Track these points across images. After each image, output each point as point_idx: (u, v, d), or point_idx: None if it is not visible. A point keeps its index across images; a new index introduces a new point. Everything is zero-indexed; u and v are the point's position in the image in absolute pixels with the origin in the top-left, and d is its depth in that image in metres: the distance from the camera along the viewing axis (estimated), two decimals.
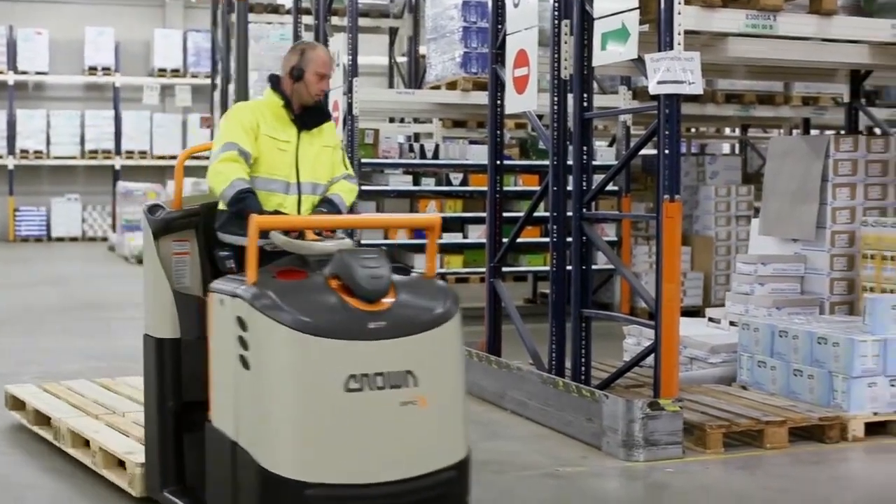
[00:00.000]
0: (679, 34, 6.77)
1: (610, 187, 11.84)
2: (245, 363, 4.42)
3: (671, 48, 6.75)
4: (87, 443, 6.33)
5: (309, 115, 5.44)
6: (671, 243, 6.86)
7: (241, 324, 4.47)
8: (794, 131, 15.41)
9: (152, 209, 5.41)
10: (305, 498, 4.29)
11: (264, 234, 4.80)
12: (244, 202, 5.04)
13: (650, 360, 7.08)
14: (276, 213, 5.21)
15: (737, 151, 19.90)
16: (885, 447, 7.16)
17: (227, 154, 5.16)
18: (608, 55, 7.27)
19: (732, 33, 7.49)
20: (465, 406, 4.81)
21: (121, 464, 5.91)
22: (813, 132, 15.34)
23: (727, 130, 19.60)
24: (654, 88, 6.78)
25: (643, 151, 9.22)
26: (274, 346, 4.35)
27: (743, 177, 14.76)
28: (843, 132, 10.55)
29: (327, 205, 5.41)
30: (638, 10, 6.92)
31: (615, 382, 7.71)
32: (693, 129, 19.24)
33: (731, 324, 8.86)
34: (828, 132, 14.22)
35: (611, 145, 14.45)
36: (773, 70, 10.80)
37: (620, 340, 9.19)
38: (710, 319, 9.45)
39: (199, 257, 5.46)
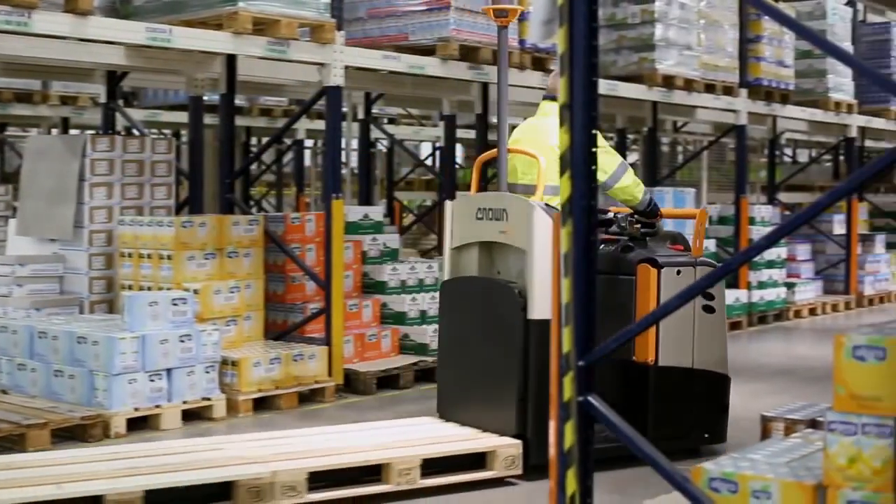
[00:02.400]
0: None
1: None
2: (710, 310, 6.72)
3: None
4: None
5: None
6: None
7: None
8: (54, 130, 15.31)
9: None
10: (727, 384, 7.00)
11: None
12: (655, 202, 7.01)
13: None
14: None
15: None
16: (146, 439, 7.33)
17: (632, 169, 6.92)
18: None
19: None
20: None
21: None
22: (73, 132, 15.35)
23: None
24: None
25: None
26: (723, 293, 6.95)
27: (0, 176, 14.45)
28: (100, 132, 10.65)
29: None
30: None
31: None
32: None
33: None
34: (87, 132, 14.28)
35: None
36: (31, 68, 10.69)
37: None
38: None
39: None
